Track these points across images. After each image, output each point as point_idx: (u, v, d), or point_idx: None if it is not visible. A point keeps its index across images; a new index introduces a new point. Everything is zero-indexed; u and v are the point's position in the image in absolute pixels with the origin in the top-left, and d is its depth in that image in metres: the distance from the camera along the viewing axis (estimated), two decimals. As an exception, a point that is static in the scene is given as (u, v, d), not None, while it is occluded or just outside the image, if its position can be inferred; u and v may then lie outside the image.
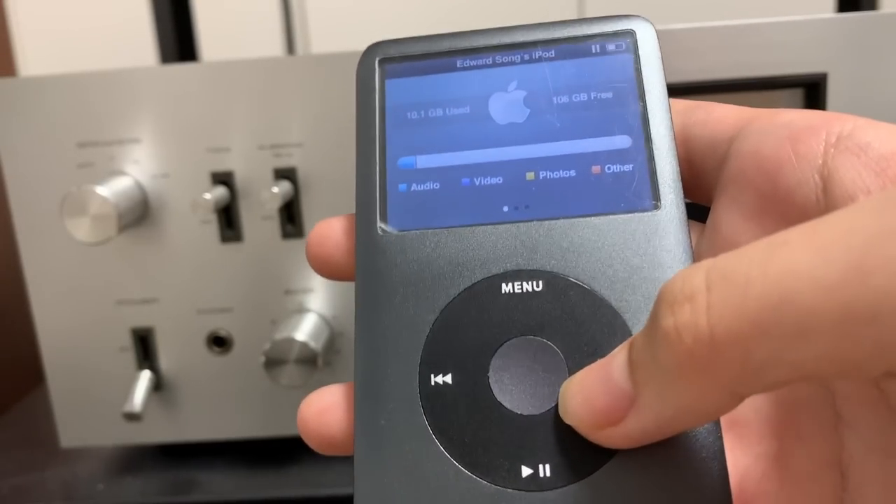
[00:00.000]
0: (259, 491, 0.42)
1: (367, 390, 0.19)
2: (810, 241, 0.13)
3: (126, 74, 0.40)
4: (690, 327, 0.13)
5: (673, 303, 0.14)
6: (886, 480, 0.16)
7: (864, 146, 0.17)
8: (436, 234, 0.20)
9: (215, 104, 0.40)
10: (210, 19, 0.75)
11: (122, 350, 0.42)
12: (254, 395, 0.43)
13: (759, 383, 0.13)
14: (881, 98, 0.39)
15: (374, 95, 0.22)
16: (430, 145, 0.21)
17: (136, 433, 0.44)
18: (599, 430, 0.16)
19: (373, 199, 0.21)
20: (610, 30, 0.22)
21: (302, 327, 0.40)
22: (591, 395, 0.16)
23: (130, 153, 0.40)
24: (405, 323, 0.19)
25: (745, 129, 0.19)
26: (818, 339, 0.12)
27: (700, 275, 0.14)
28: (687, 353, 0.13)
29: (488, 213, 0.20)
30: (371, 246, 0.20)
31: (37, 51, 0.86)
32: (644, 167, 0.20)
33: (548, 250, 0.19)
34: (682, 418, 0.15)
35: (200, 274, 0.42)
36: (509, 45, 0.22)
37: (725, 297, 0.13)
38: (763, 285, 0.13)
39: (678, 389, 0.14)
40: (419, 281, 0.19)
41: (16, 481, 0.45)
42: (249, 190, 0.40)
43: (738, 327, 0.13)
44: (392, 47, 0.22)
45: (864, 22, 0.38)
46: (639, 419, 0.15)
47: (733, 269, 0.13)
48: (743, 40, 0.39)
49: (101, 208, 0.38)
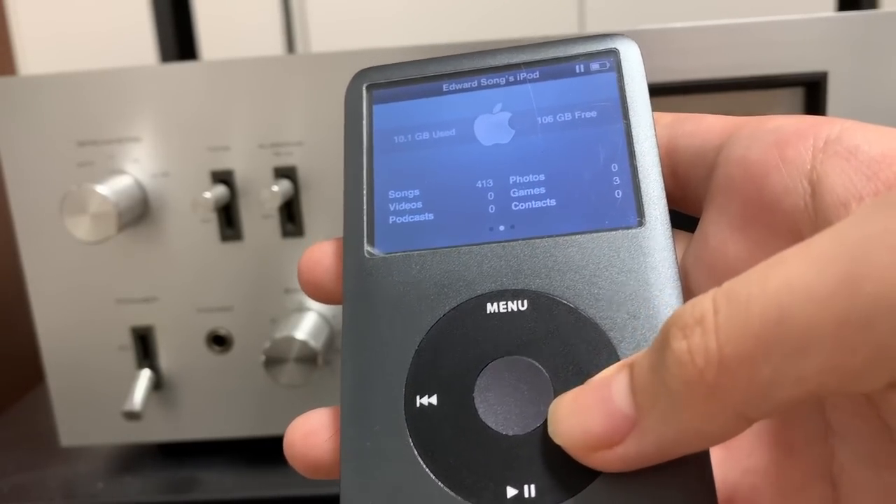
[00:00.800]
0: (259, 490, 0.42)
1: (353, 412, 0.19)
2: (804, 255, 0.13)
3: (126, 73, 0.40)
4: (701, 349, 0.13)
5: (684, 326, 0.14)
6: (877, 491, 0.16)
7: (854, 149, 0.16)
8: (421, 255, 0.20)
9: (215, 103, 0.40)
10: (210, 18, 0.75)
11: (122, 349, 0.42)
12: (254, 394, 0.43)
13: (766, 404, 0.13)
14: (881, 97, 0.39)
15: (362, 121, 0.22)
16: (417, 168, 0.21)
17: (136, 432, 0.44)
18: (593, 453, 0.16)
19: (360, 224, 0.21)
20: (593, 49, 0.22)
21: (302, 326, 0.40)
22: (588, 418, 0.16)
23: (130, 152, 0.40)
24: (391, 345, 0.19)
25: (733, 137, 0.19)
26: (818, 352, 0.12)
27: (708, 298, 0.14)
28: (698, 375, 0.13)
29: (474, 234, 0.20)
30: (358, 269, 0.20)
31: (37, 50, 0.86)
32: (628, 184, 0.20)
33: (533, 269, 0.19)
34: (686, 442, 0.15)
35: (200, 273, 0.42)
36: (494, 68, 0.22)
37: (730, 317, 0.13)
38: (763, 302, 0.13)
39: (686, 413, 0.14)
40: (405, 303, 0.19)
41: (16, 480, 0.45)
42: (249, 189, 0.40)
43: (743, 346, 0.13)
44: (379, 73, 0.23)
45: (864, 21, 0.38)
46: (639, 443, 0.15)
47: (736, 290, 0.13)
48: (743, 39, 0.39)
49: (100, 207, 0.38)
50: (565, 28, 0.84)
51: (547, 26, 0.83)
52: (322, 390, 0.43)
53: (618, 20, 0.83)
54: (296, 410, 0.44)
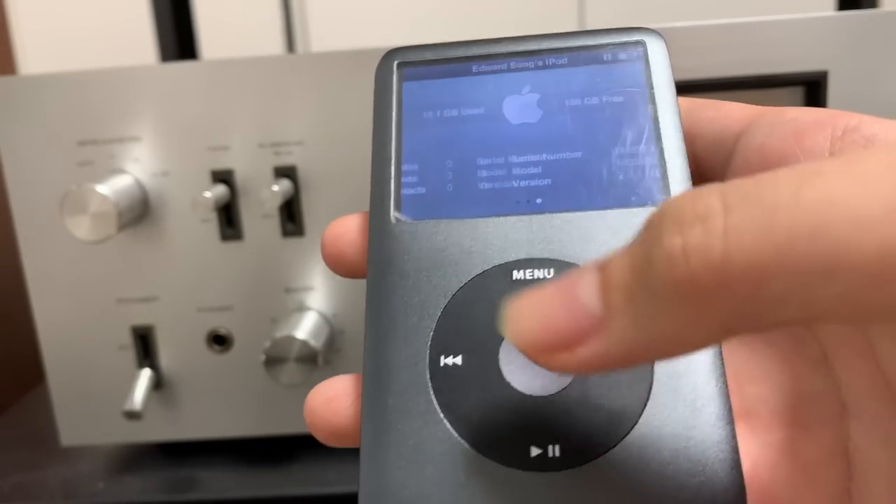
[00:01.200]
0: (259, 489, 0.42)
1: (376, 371, 0.19)
2: (849, 171, 0.11)
3: (126, 73, 0.40)
4: (700, 249, 0.12)
5: (681, 221, 0.12)
6: (891, 471, 0.16)
7: (871, 137, 0.17)
8: (449, 223, 0.20)
9: (215, 102, 0.40)
10: (210, 17, 0.75)
11: (123, 348, 0.42)
12: (254, 394, 0.43)
13: (760, 321, 0.12)
14: (882, 96, 0.39)
15: (392, 96, 0.23)
16: (445, 142, 0.22)
17: (137, 431, 0.44)
18: (551, 354, 0.14)
19: (387, 190, 0.21)
20: (621, 40, 0.22)
21: (302, 325, 0.40)
22: (549, 316, 0.14)
23: (130, 151, 0.40)
24: (416, 307, 0.19)
25: (752, 125, 0.19)
26: (846, 278, 0.11)
27: (714, 195, 0.12)
28: (690, 277, 0.12)
29: (501, 207, 0.20)
30: (384, 234, 0.20)
31: (37, 49, 0.86)
32: (655, 165, 0.20)
33: (559, 240, 0.20)
34: (656, 349, 0.13)
35: (200, 272, 0.42)
36: (524, 52, 0.23)
37: (749, 220, 0.12)
38: (794, 213, 0.11)
39: (664, 316, 0.13)
40: (431, 267, 0.20)
41: (16, 479, 0.45)
42: (249, 188, 0.40)
43: (758, 257, 0.11)
44: (410, 53, 0.23)
45: (864, 20, 0.38)
46: (604, 345, 0.14)
47: (759, 193, 0.12)
48: (743, 38, 0.39)
49: (101, 207, 0.38)
50: (566, 27, 0.84)
51: (547, 26, 0.83)
52: (322, 390, 0.43)
53: (618, 20, 0.83)
54: (296, 410, 0.44)
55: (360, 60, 0.39)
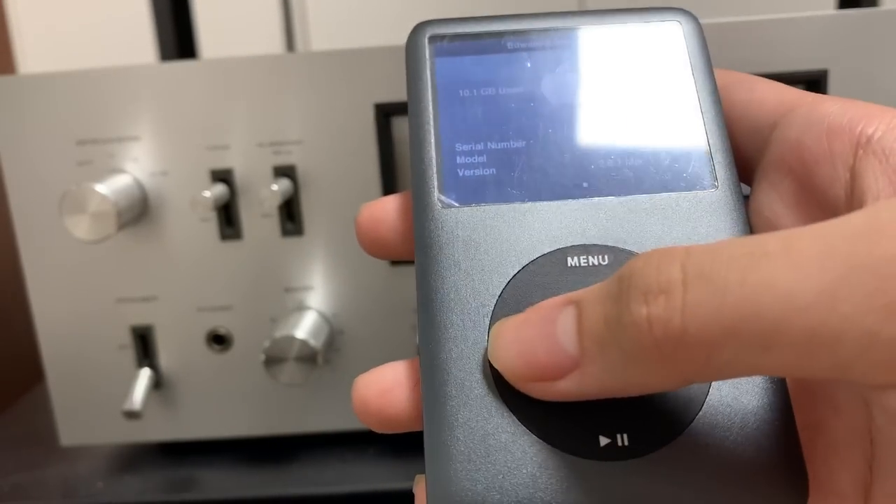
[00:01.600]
0: (259, 489, 0.42)
1: (435, 364, 0.18)
2: (789, 256, 0.13)
3: (125, 72, 0.40)
4: (662, 322, 0.14)
5: (647, 292, 0.14)
6: None
7: (889, 152, 0.17)
8: (497, 208, 0.20)
9: (215, 101, 0.40)
10: (209, 16, 0.75)
11: (122, 348, 0.42)
12: (254, 393, 0.43)
13: (714, 377, 0.14)
14: (882, 95, 0.39)
15: (426, 73, 0.22)
16: (486, 123, 0.21)
17: (136, 431, 0.44)
18: (532, 383, 0.16)
19: (431, 175, 0.21)
20: (658, 19, 0.22)
21: (302, 325, 0.40)
22: (530, 350, 0.16)
23: (130, 151, 0.40)
24: (472, 295, 0.19)
25: (787, 118, 0.20)
26: (782, 352, 0.13)
27: (676, 267, 0.14)
28: (654, 343, 0.14)
29: (548, 191, 0.20)
30: (431, 220, 0.20)
31: (36, 48, 0.85)
32: (700, 149, 0.20)
33: (611, 226, 0.19)
34: (627, 389, 0.15)
35: (200, 272, 0.41)
36: (560, 29, 0.22)
37: (702, 298, 0.13)
38: (740, 295, 0.13)
39: (633, 368, 0.15)
40: (483, 254, 0.19)
41: (16, 479, 0.44)
42: (249, 187, 0.40)
43: (709, 332, 0.13)
44: (441, 26, 0.23)
45: (864, 18, 0.38)
46: (579, 383, 0.16)
47: (713, 272, 0.14)
48: (743, 37, 0.38)
49: (100, 206, 0.38)
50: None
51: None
52: (322, 389, 0.43)
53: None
54: (296, 410, 0.44)
55: (360, 60, 0.39)
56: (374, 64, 0.39)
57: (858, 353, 0.12)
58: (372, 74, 0.39)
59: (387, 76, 0.39)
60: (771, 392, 0.18)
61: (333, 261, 0.41)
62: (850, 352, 0.12)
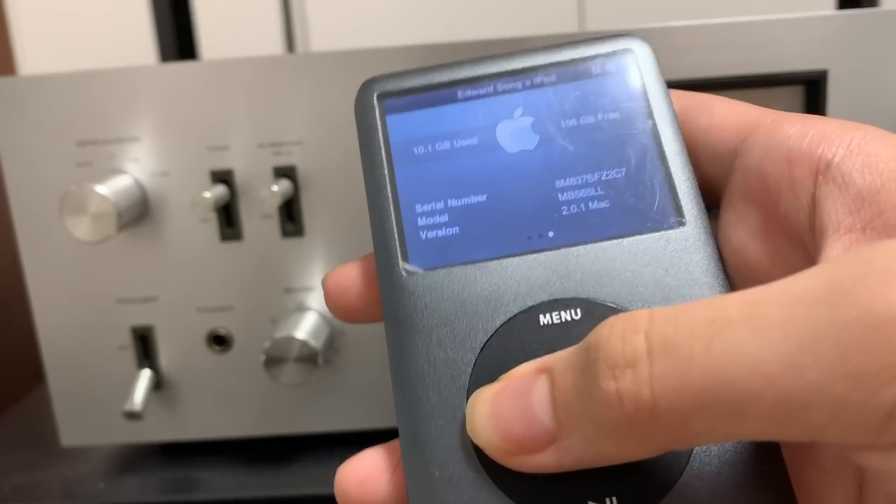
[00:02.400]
0: (259, 489, 0.42)
1: (415, 442, 0.18)
2: (751, 323, 0.13)
3: (125, 73, 0.40)
4: (632, 395, 0.14)
5: (614, 366, 0.14)
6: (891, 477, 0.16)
7: (848, 179, 0.17)
8: (462, 269, 0.19)
9: (215, 102, 0.40)
10: (210, 17, 0.75)
11: (122, 349, 0.42)
12: (254, 394, 0.43)
13: (690, 445, 0.14)
14: (881, 95, 0.39)
15: (377, 133, 0.21)
16: (443, 179, 0.21)
17: (137, 432, 0.44)
18: (511, 457, 0.16)
19: (392, 240, 0.20)
20: (609, 50, 0.21)
21: (302, 326, 0.40)
22: (507, 423, 0.16)
23: (130, 152, 0.40)
24: (445, 367, 0.18)
25: (748, 143, 0.19)
26: (753, 420, 0.13)
27: (640, 337, 0.14)
28: (626, 417, 0.14)
29: (512, 244, 0.20)
30: (396, 289, 0.19)
31: (36, 49, 0.86)
32: (663, 185, 0.20)
33: (580, 276, 0.19)
34: (604, 460, 0.15)
35: (200, 272, 0.41)
36: (509, 72, 0.21)
37: (668, 370, 0.13)
38: (706, 365, 0.13)
39: (608, 441, 0.14)
40: (453, 320, 0.19)
41: (16, 480, 0.45)
42: (249, 188, 0.40)
43: (678, 403, 0.13)
44: (389, 82, 0.22)
45: (864, 19, 0.38)
46: (557, 456, 0.15)
47: (676, 342, 0.14)
48: (743, 37, 0.39)
49: (100, 207, 0.38)
50: (565, 27, 0.84)
51: (547, 25, 0.83)
52: (322, 390, 0.43)
53: (618, 19, 0.83)
54: (296, 410, 0.44)
55: (360, 60, 0.39)
56: (374, 65, 0.39)
57: (828, 418, 0.12)
58: (372, 75, 0.39)
59: (387, 77, 0.39)
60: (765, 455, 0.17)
61: (334, 261, 0.41)
62: (820, 418, 0.13)
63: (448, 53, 0.39)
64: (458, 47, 0.39)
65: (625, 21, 0.83)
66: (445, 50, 0.39)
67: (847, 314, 0.12)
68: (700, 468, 0.17)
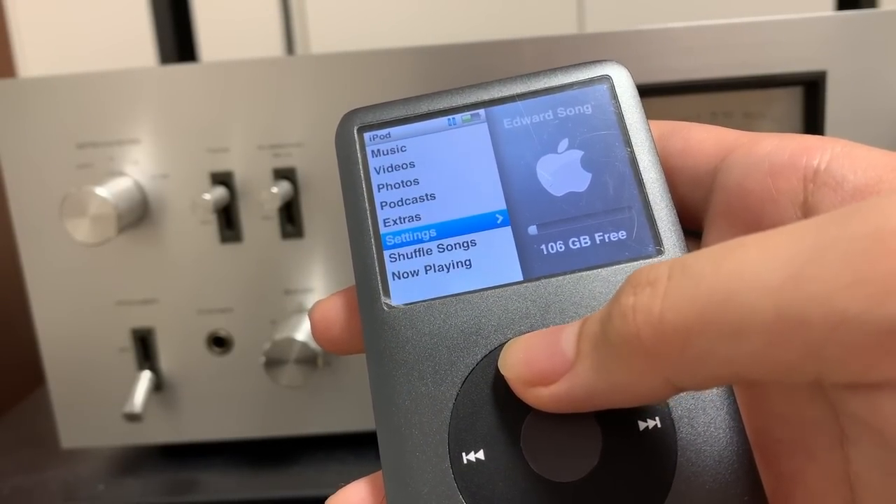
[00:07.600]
0: (259, 491, 0.42)
1: (398, 477, 0.18)
2: (762, 245, 0.13)
3: (125, 75, 0.40)
4: (644, 309, 0.14)
5: (637, 285, 0.15)
6: (887, 496, 0.16)
7: (841, 179, 0.17)
8: (443, 303, 0.19)
9: (215, 104, 0.40)
10: (209, 19, 0.75)
11: (123, 351, 0.42)
12: (254, 396, 0.43)
13: (694, 376, 0.14)
14: (880, 96, 0.39)
15: (358, 166, 0.21)
16: (423, 212, 0.21)
17: (137, 434, 0.44)
18: (529, 388, 0.17)
19: (373, 275, 0.20)
20: (586, 77, 0.21)
21: (302, 327, 0.40)
22: (533, 355, 0.17)
23: (130, 154, 0.40)
24: (427, 401, 0.18)
25: (727, 162, 0.19)
26: (752, 338, 0.13)
27: (666, 265, 0.15)
28: (635, 332, 0.14)
29: (492, 276, 0.20)
30: (377, 323, 0.20)
31: (36, 51, 0.86)
32: (641, 213, 0.20)
33: (560, 307, 0.19)
34: (613, 396, 0.16)
35: (200, 274, 0.42)
36: (488, 102, 0.22)
37: (680, 288, 0.14)
38: (713, 281, 0.13)
39: (617, 366, 0.15)
40: (434, 355, 0.19)
41: (16, 482, 0.45)
42: (249, 190, 0.40)
43: (684, 317, 0.14)
44: (369, 114, 0.22)
45: (863, 20, 0.38)
46: (569, 385, 0.16)
47: (692, 264, 0.14)
48: (742, 38, 0.39)
49: (100, 209, 0.38)
50: (565, 28, 0.84)
51: (547, 26, 0.83)
52: (322, 391, 0.43)
53: (617, 20, 0.83)
54: (296, 411, 0.44)
55: (360, 62, 0.39)
56: (374, 67, 0.39)
57: (826, 334, 0.12)
58: (371, 77, 0.39)
59: (386, 79, 0.39)
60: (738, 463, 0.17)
61: (333, 263, 0.41)
62: (818, 334, 0.12)
63: (448, 54, 0.39)
64: (458, 48, 0.39)
65: (624, 22, 0.83)
66: (445, 51, 0.39)
67: (857, 229, 0.12)
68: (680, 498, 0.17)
